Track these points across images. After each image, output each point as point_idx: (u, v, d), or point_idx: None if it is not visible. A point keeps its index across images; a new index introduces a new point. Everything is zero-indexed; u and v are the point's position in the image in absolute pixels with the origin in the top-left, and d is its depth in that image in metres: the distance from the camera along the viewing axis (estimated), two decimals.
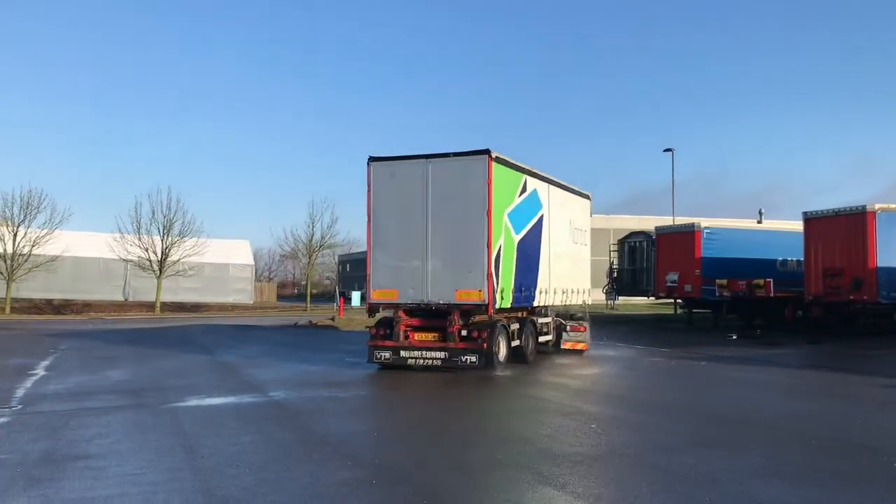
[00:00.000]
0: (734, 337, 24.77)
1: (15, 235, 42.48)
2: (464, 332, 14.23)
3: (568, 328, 18.34)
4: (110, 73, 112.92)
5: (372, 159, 15.19)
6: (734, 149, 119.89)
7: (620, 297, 40.39)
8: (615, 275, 34.94)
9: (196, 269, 49.07)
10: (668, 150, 39.70)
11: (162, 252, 45.76)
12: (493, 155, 14.37)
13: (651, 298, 34.19)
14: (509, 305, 15.06)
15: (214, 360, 18.00)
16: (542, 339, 17.40)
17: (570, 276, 18.94)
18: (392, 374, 15.00)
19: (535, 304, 16.72)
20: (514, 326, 15.61)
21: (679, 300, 32.72)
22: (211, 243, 49.16)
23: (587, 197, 20.62)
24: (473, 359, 14.10)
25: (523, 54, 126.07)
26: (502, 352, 14.75)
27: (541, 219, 16.91)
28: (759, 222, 37.45)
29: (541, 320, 17.33)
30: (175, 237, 46.39)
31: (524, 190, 16.07)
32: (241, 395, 12.13)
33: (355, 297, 55.29)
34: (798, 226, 27.49)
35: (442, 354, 14.32)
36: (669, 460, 7.45)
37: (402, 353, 14.61)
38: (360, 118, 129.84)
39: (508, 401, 11.75)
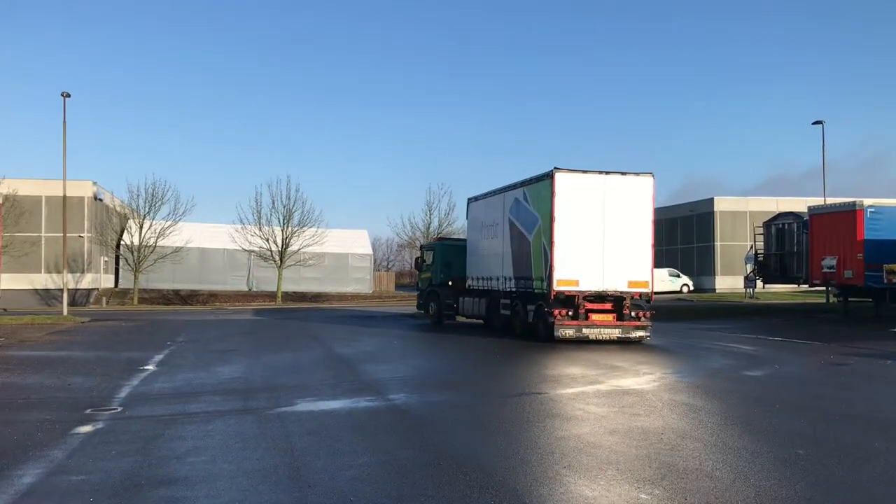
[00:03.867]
0: None
1: (141, 227, 43.50)
2: (633, 314, 17.71)
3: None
4: (229, 66, 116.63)
5: (557, 170, 17.80)
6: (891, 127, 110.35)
7: (765, 286, 36.94)
8: (760, 260, 31.66)
9: (316, 259, 48.96)
10: (817, 122, 35.80)
11: (283, 242, 45.79)
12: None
13: (803, 286, 30.78)
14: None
15: (331, 354, 16.87)
16: None
17: None
18: (522, 376, 13.58)
19: None
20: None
21: (834, 287, 29.35)
22: (330, 233, 48.88)
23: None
24: (643, 334, 17.89)
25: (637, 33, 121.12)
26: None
27: None
28: None
29: None
30: (295, 227, 46.36)
31: None
32: (358, 397, 10.74)
33: None
34: None
35: (618, 331, 17.76)
36: None
37: (585, 331, 17.64)
38: (473, 104, 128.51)
39: (669, 412, 9.53)
